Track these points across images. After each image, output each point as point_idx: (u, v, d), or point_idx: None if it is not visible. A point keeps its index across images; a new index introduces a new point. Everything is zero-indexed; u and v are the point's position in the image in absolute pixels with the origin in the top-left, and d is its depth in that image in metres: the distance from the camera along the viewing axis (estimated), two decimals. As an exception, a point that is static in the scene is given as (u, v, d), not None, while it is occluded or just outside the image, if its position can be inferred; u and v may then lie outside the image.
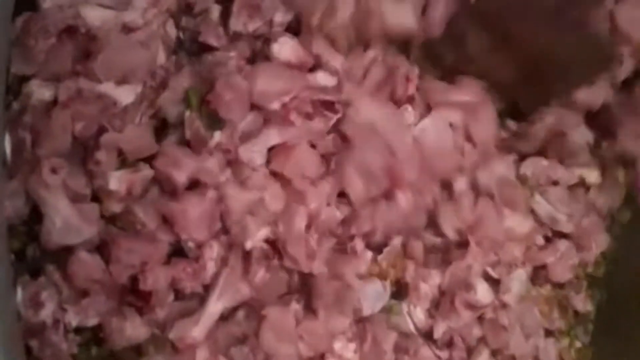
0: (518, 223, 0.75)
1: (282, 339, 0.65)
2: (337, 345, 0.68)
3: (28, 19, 0.61)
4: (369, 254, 0.71)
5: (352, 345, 0.69)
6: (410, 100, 0.71)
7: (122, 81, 0.63)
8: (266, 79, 0.65)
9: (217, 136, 0.65)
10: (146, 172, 0.63)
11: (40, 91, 0.61)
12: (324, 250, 0.67)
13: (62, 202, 0.59)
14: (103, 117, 0.62)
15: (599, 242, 0.80)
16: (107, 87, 0.62)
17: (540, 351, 0.78)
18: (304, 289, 0.68)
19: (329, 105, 0.68)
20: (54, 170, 0.59)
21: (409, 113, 0.71)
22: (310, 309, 0.67)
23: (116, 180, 0.61)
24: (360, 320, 0.70)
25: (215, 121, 0.65)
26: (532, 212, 0.77)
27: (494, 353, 0.76)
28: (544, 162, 0.77)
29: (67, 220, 0.59)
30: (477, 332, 0.75)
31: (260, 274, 0.64)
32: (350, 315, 0.69)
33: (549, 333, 0.79)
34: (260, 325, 0.65)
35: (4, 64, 0.56)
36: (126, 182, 0.61)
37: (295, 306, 0.66)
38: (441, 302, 0.73)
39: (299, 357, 0.67)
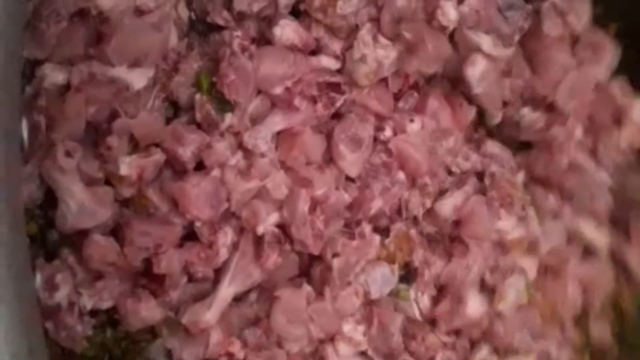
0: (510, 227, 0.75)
1: (293, 320, 0.65)
2: (346, 328, 0.69)
3: (39, 3, 0.60)
4: (377, 238, 0.71)
5: (361, 328, 0.69)
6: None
7: (134, 65, 0.62)
8: (269, 63, 0.66)
9: (228, 119, 0.65)
10: (158, 156, 0.62)
11: (53, 74, 0.61)
12: (332, 232, 0.67)
13: (77, 186, 0.59)
14: (116, 101, 0.61)
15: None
16: (120, 71, 0.62)
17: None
18: (314, 271, 0.69)
19: (335, 87, 0.68)
20: (68, 154, 0.58)
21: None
22: (320, 292, 0.68)
23: (127, 166, 0.61)
24: (368, 304, 0.71)
25: (224, 104, 0.65)
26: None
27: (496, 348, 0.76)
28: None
29: (81, 203, 0.59)
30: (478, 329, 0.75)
31: (272, 258, 0.64)
32: (359, 298, 0.69)
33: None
34: (272, 307, 0.65)
35: (19, 50, 0.55)
36: (137, 167, 0.61)
37: (307, 288, 0.67)
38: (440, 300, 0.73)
39: (310, 339, 0.67)
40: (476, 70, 0.71)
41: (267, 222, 0.64)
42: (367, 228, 0.71)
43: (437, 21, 0.68)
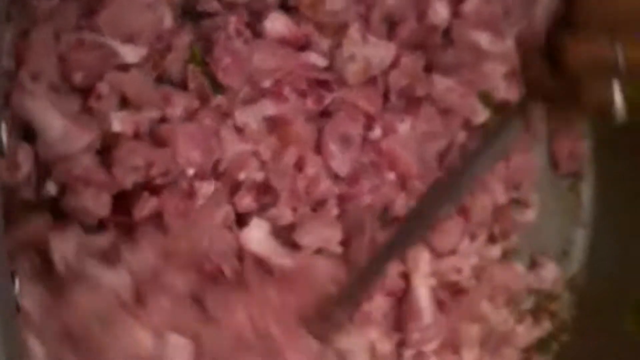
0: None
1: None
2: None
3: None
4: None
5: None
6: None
7: (127, 41, 0.62)
8: (260, 56, 0.66)
9: (218, 100, 0.64)
10: (153, 113, 0.61)
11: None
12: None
13: (55, 114, 0.56)
14: (105, 67, 0.60)
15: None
16: (111, 42, 0.61)
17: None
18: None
19: (324, 84, 0.68)
20: (34, 77, 0.56)
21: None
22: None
23: (119, 121, 0.59)
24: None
25: (216, 87, 0.65)
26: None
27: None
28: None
29: (64, 129, 0.56)
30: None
31: (246, 200, 0.61)
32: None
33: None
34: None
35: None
36: (132, 123, 0.59)
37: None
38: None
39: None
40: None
41: (251, 173, 0.62)
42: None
43: (428, 20, 0.70)
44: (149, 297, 0.55)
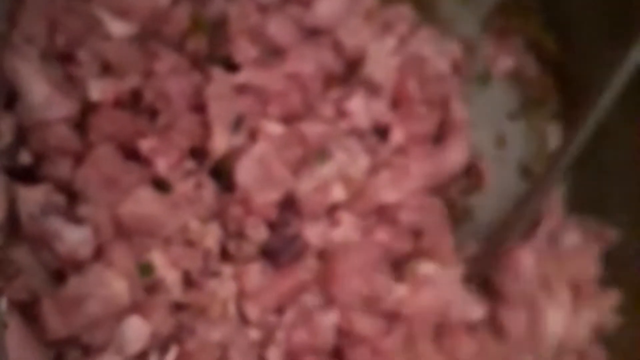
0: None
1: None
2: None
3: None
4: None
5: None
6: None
7: (119, 15, 0.63)
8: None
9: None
10: (134, 80, 0.61)
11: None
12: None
13: (41, 79, 0.57)
14: (89, 36, 0.60)
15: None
16: (102, 14, 0.62)
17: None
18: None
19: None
20: (28, 40, 0.57)
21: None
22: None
23: (98, 91, 0.59)
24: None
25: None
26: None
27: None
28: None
29: (47, 95, 0.57)
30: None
31: None
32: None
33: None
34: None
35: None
36: (112, 92, 0.59)
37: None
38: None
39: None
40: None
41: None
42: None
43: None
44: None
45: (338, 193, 0.64)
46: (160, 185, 0.60)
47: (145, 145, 0.60)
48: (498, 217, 0.74)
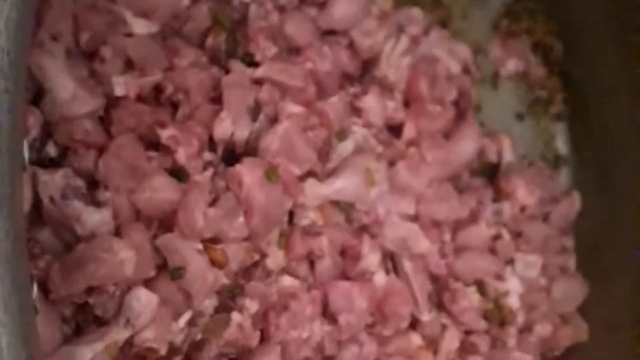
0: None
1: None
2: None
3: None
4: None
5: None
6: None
7: (142, 15, 0.64)
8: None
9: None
10: (156, 76, 0.62)
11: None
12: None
13: (67, 76, 0.58)
14: (112, 33, 0.62)
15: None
16: (125, 12, 0.63)
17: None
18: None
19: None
20: (54, 38, 0.59)
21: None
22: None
23: (121, 87, 0.61)
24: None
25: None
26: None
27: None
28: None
29: (73, 91, 0.58)
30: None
31: None
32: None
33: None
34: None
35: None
36: (135, 87, 0.61)
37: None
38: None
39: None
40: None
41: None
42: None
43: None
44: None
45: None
46: (177, 174, 0.62)
47: (165, 134, 0.61)
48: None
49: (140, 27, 0.64)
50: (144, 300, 0.56)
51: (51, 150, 0.60)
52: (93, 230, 0.57)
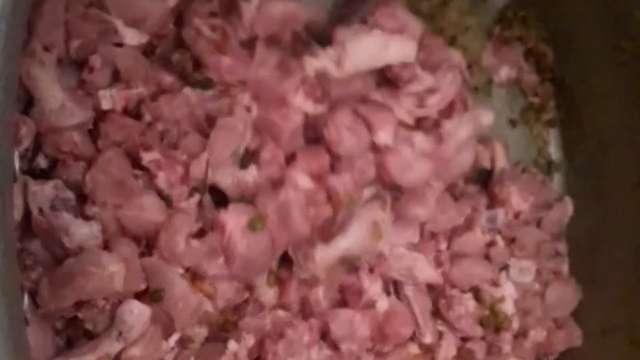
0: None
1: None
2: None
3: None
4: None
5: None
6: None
7: (132, 24, 0.64)
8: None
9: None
10: (140, 89, 0.62)
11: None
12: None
13: (57, 86, 0.58)
14: (102, 41, 0.62)
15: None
16: (116, 21, 0.63)
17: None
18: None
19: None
20: (46, 48, 0.58)
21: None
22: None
23: (107, 100, 0.60)
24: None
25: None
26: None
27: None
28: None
29: (62, 102, 0.58)
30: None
31: None
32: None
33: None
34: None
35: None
36: (121, 99, 0.61)
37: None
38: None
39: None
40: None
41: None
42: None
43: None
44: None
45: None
46: (164, 197, 0.61)
47: (147, 157, 0.61)
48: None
49: (131, 37, 0.64)
50: (136, 312, 0.56)
51: (41, 161, 0.60)
52: (81, 243, 0.56)
